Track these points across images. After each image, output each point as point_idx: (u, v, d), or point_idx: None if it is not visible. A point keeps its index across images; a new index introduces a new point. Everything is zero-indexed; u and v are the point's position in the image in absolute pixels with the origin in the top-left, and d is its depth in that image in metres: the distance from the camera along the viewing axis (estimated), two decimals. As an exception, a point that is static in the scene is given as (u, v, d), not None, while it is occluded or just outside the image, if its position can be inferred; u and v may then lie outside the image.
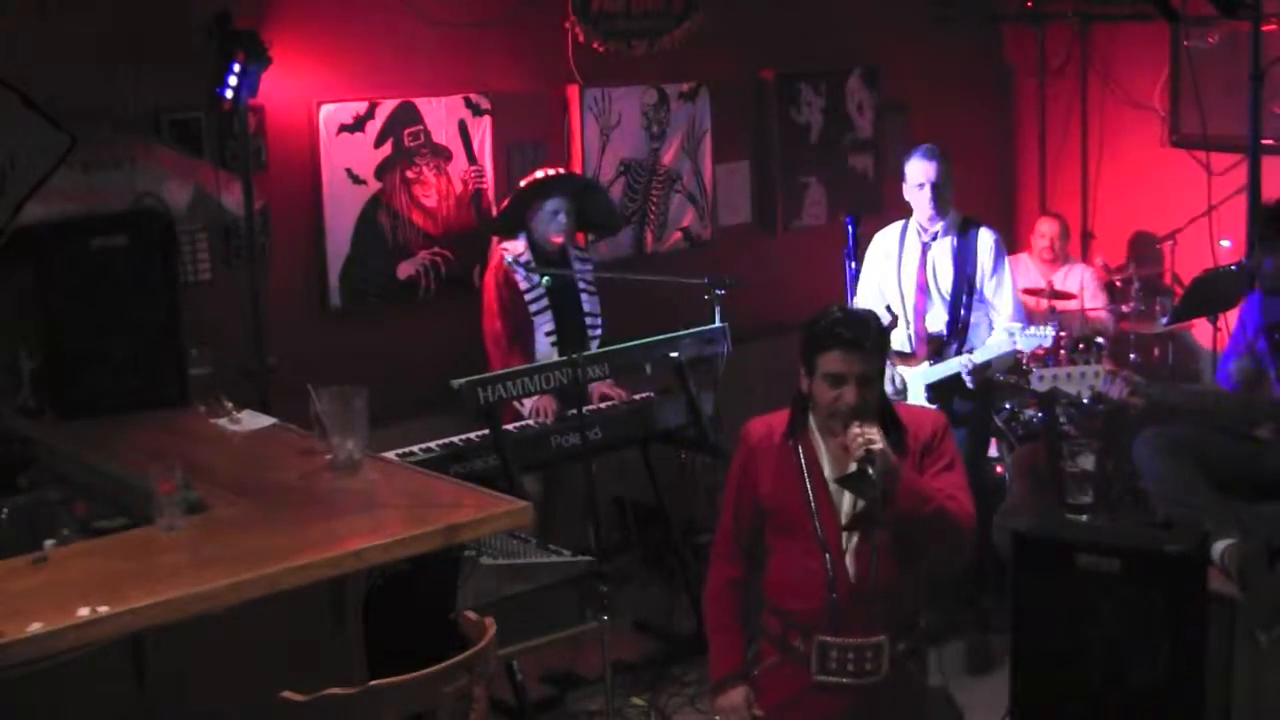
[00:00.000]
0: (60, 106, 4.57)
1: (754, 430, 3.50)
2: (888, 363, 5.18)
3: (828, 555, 3.29)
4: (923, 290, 5.21)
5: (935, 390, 5.14)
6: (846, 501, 3.31)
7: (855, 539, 3.30)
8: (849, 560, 3.31)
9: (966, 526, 3.33)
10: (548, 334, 5.37)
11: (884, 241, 5.32)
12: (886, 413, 3.37)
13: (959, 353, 5.15)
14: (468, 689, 2.94)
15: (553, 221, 5.37)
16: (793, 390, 3.44)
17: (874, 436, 3.16)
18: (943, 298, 5.19)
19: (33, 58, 4.59)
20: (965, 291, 5.18)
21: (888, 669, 3.31)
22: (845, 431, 3.21)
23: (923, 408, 3.49)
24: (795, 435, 3.40)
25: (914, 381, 5.18)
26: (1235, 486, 4.42)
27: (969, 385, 5.09)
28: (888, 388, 5.17)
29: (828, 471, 3.35)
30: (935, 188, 5.10)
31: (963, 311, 5.19)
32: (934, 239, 5.19)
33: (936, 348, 5.20)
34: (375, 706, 2.79)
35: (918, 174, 5.12)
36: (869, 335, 3.31)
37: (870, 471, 3.13)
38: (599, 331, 5.50)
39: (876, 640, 3.30)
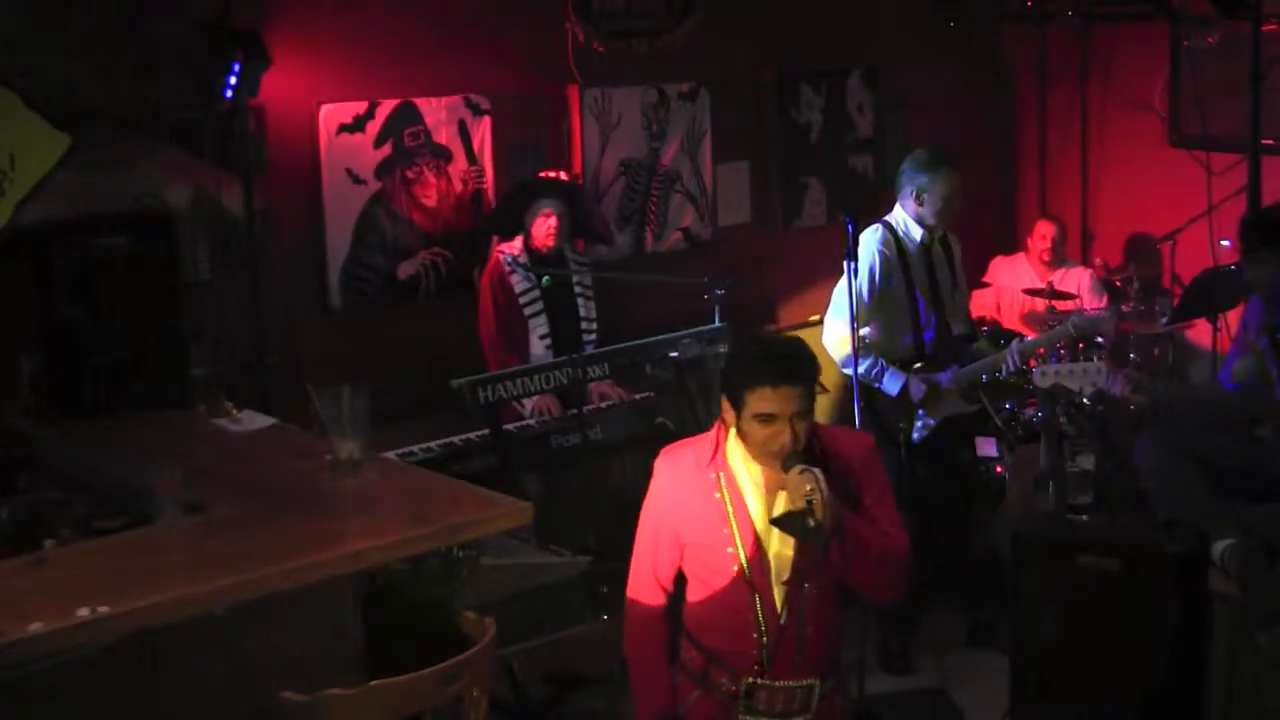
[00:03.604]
0: (60, 106, 4.57)
1: (671, 459, 3.23)
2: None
3: (757, 597, 3.10)
4: None
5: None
6: (775, 540, 3.08)
7: (786, 581, 3.10)
8: (779, 604, 3.11)
9: (904, 563, 3.13)
10: (542, 337, 5.38)
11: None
12: (813, 440, 3.09)
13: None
14: (468, 689, 2.95)
15: (543, 223, 5.37)
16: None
17: (819, 485, 2.88)
18: None
19: (33, 58, 4.59)
20: None
21: (815, 708, 3.18)
22: (785, 474, 2.96)
23: (849, 430, 3.25)
24: (717, 469, 3.13)
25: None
26: (1235, 486, 4.42)
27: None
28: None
29: (753, 508, 3.12)
30: None
31: None
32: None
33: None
34: (375, 706, 2.80)
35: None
36: (802, 368, 3.02)
37: (811, 522, 2.87)
38: (594, 337, 5.49)
39: (808, 683, 3.16)
